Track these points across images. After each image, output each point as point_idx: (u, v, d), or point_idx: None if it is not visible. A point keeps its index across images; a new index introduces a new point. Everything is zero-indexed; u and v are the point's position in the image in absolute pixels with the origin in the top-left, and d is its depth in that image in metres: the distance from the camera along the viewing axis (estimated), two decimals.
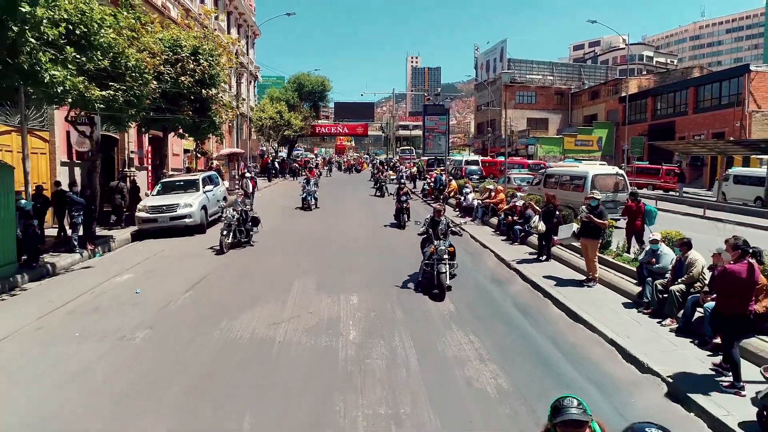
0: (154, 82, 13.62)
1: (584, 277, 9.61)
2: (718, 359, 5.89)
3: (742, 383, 5.38)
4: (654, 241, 8.35)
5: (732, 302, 5.49)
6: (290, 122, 44.18)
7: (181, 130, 17.93)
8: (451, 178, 24.62)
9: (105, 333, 7.34)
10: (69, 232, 12.53)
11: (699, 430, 4.99)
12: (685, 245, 7.60)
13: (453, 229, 10.35)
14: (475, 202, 17.79)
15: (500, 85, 57.82)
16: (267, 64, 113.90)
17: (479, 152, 55.74)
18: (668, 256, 8.11)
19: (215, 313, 8.18)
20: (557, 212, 11.39)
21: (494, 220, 15.99)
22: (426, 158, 34.79)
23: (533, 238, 12.63)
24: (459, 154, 56.65)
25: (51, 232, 13.83)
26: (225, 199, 18.65)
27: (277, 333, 7.34)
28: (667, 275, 7.80)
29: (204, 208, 15.79)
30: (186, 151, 26.77)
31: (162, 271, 11.08)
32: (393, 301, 8.78)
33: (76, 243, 12.05)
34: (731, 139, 30.14)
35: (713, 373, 5.78)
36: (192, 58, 16.41)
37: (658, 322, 7.41)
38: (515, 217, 13.94)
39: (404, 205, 16.82)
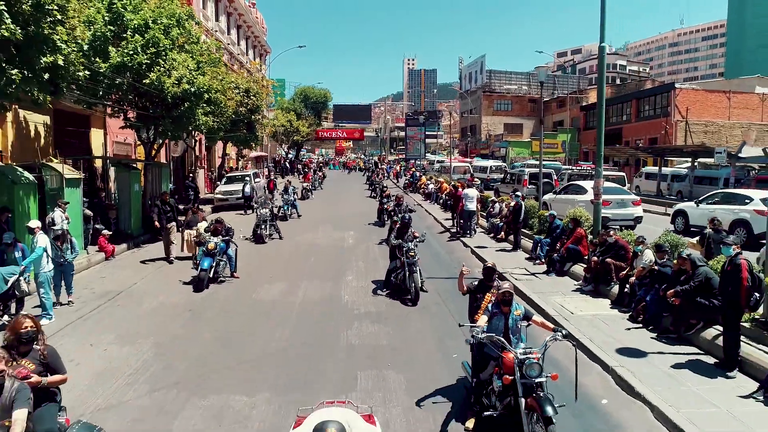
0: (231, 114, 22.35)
1: None
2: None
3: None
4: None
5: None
6: (298, 129, 52.82)
7: (235, 142, 26.69)
8: (421, 174, 33.37)
9: (243, 240, 16.08)
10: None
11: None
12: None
13: (411, 207, 17.18)
14: (433, 190, 26.58)
15: (479, 95, 65.97)
16: (267, 65, 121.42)
17: (463, 153, 63.76)
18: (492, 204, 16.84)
19: (287, 237, 16.91)
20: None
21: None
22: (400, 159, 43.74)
23: None
24: (443, 154, 65.09)
25: None
26: (265, 189, 27.26)
27: (315, 241, 16.15)
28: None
29: (255, 192, 24.45)
30: (225, 154, 35.45)
31: (244, 224, 19.71)
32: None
33: None
34: (641, 146, 38.68)
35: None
36: (245, 94, 25.12)
37: (491, 237, 16.15)
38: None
39: (385, 206, 18.58)
